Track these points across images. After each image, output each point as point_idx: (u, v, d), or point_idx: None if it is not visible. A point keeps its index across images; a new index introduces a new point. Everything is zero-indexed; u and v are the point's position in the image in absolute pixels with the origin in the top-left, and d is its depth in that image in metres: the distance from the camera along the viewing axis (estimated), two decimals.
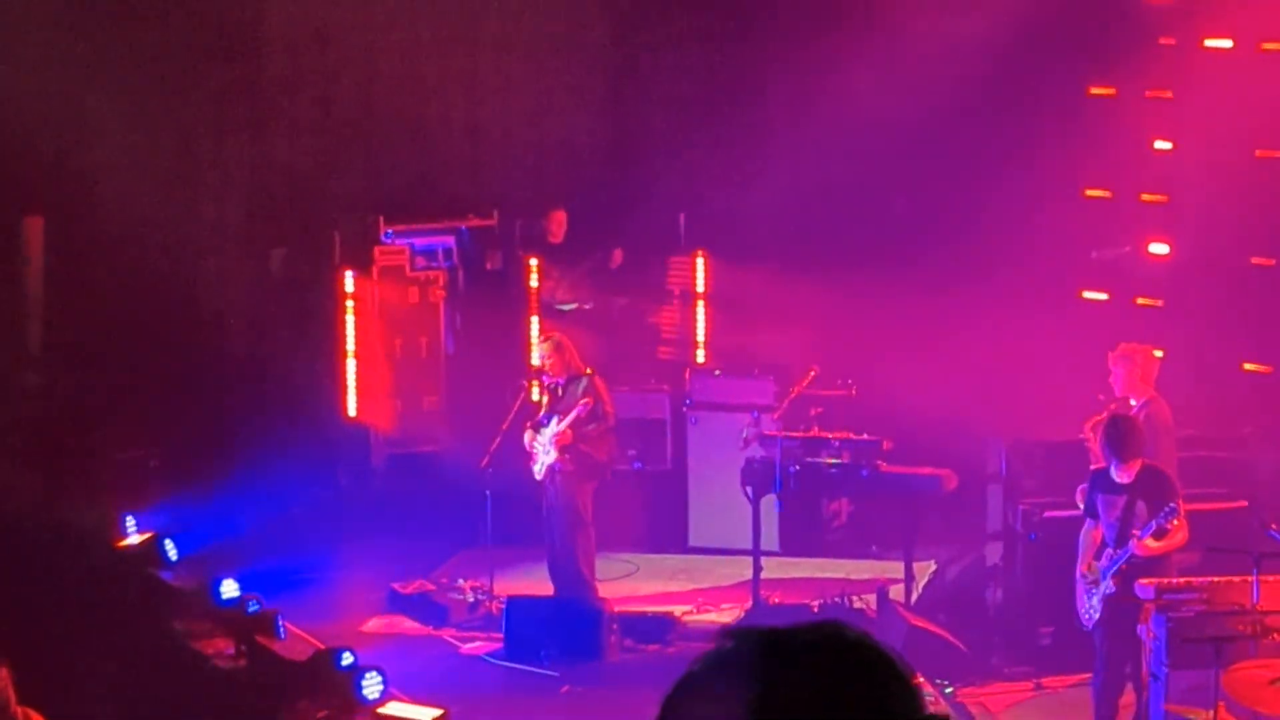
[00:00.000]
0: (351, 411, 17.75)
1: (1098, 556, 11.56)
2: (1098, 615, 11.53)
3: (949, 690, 12.79)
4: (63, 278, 17.06)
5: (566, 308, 17.69)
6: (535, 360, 14.73)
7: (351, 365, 17.68)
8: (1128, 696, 11.69)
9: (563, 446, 14.13)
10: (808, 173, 17.25)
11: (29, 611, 12.38)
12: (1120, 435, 11.41)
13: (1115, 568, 11.37)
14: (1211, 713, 9.81)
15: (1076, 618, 11.81)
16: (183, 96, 17.40)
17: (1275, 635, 10.54)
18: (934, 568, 15.52)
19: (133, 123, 17.00)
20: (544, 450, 14.21)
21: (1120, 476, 11.46)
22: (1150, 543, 11.27)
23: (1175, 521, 11.27)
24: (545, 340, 14.55)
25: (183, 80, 17.40)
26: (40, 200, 16.98)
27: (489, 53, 18.31)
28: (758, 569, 14.54)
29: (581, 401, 14.07)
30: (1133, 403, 12.59)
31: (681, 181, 17.76)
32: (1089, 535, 11.72)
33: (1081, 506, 12.11)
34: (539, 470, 14.28)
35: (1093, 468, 12.05)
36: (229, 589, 13.52)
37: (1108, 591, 11.43)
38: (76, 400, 15.95)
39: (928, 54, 16.50)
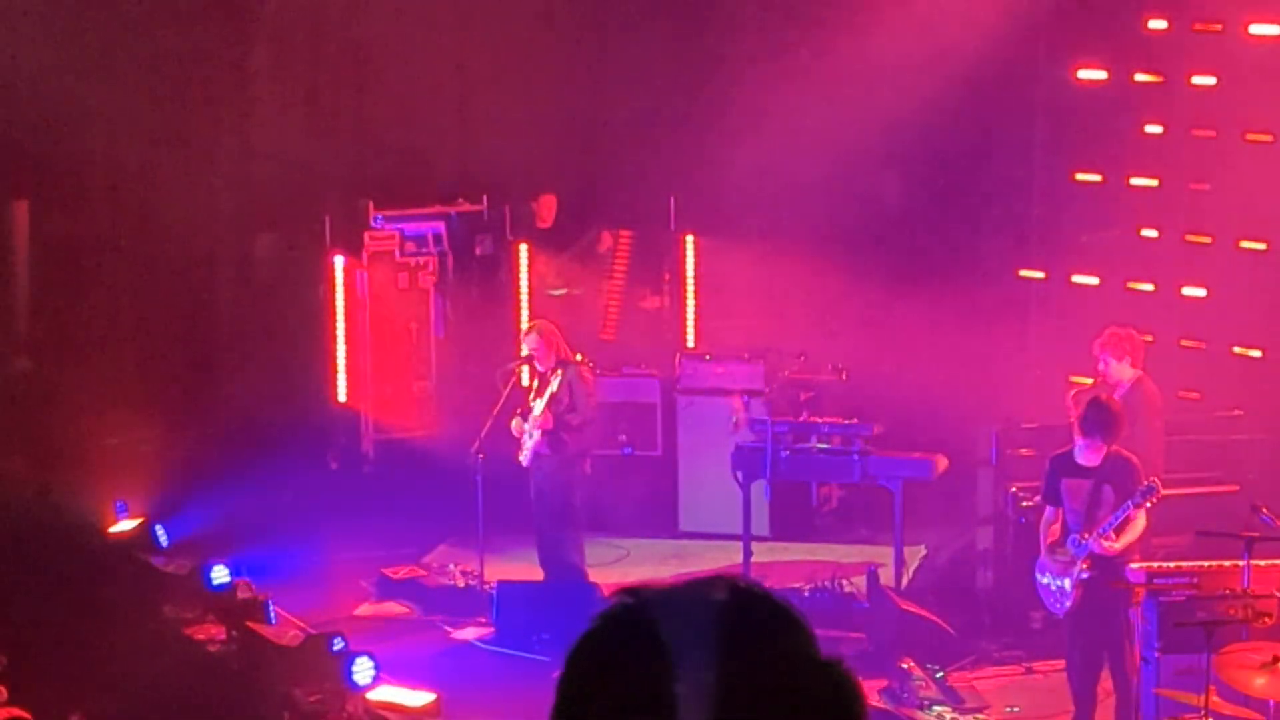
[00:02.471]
0: (341, 397, 17.74)
1: (1060, 543, 11.49)
2: (1071, 601, 11.48)
3: (940, 674, 12.80)
4: (49, 262, 17.03)
5: (557, 292, 17.69)
6: (524, 348, 14.70)
7: (341, 350, 17.67)
8: (1107, 683, 11.70)
9: (544, 430, 14.12)
10: (798, 157, 17.24)
11: (20, 598, 12.37)
12: (1107, 416, 11.36)
13: (1084, 553, 11.33)
14: (1203, 697, 9.82)
15: (1045, 607, 11.78)
16: (171, 80, 17.36)
17: (1266, 619, 10.54)
18: (924, 552, 15.54)
19: (120, 107, 16.96)
20: (529, 435, 14.20)
21: (1086, 460, 11.40)
22: (1114, 542, 11.24)
23: (1151, 501, 11.23)
24: (530, 330, 14.52)
25: (171, 64, 17.35)
26: (26, 184, 16.94)
27: (478, 38, 18.28)
28: (748, 553, 14.54)
29: (551, 382, 14.05)
30: (1125, 371, 12.55)
31: (671, 165, 17.75)
32: (1049, 525, 11.63)
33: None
34: (524, 455, 14.27)
35: (1055, 452, 11.92)
36: (220, 574, 13.53)
37: (1081, 576, 11.38)
38: (65, 386, 15.93)
39: (918, 35, 16.48)
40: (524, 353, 14.73)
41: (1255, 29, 15.28)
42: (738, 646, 2.13)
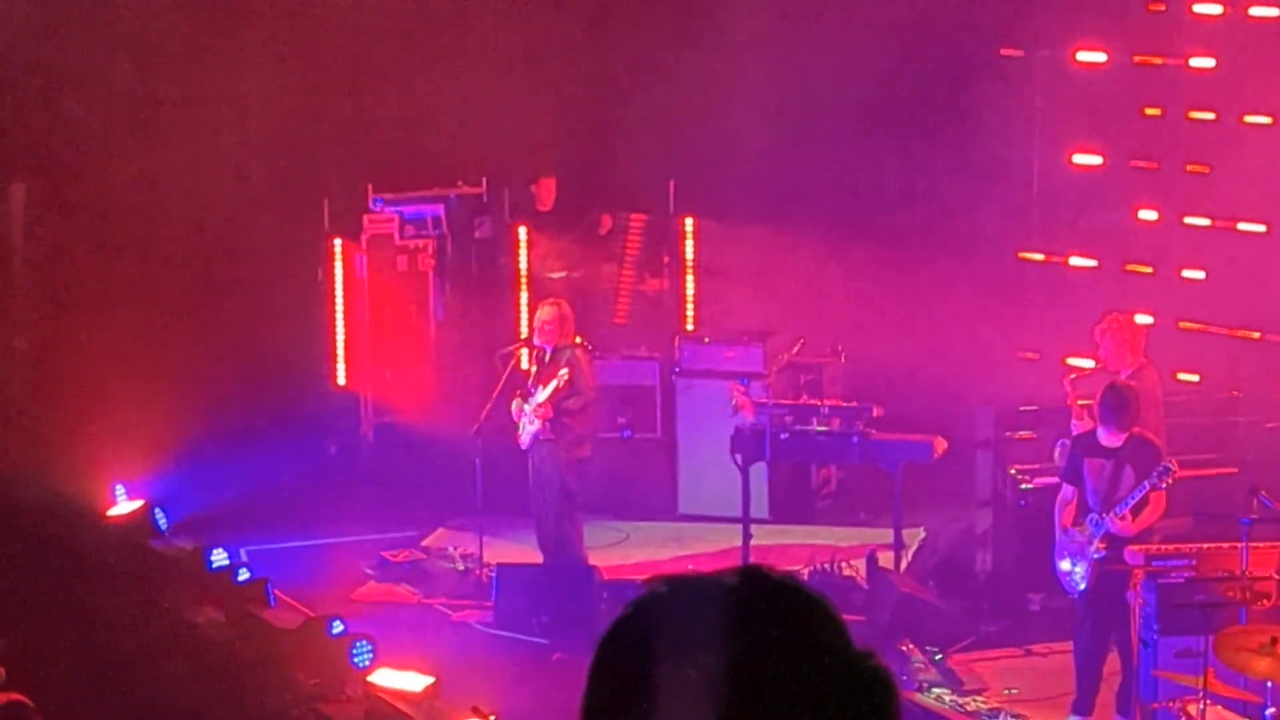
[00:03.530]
0: (341, 380, 17.74)
1: (1078, 522, 11.54)
2: (1085, 582, 11.51)
3: (939, 656, 12.82)
4: (47, 244, 17.03)
5: (556, 275, 17.67)
6: (526, 327, 14.70)
7: (341, 333, 17.66)
8: (1112, 664, 11.72)
9: (544, 418, 14.10)
10: (797, 140, 17.23)
11: (18, 582, 12.38)
12: (1119, 402, 11.39)
13: (1102, 532, 11.38)
14: (1201, 678, 9.83)
15: (1059, 584, 11.83)
16: (171, 63, 17.34)
17: (1264, 601, 10.56)
18: (923, 535, 15.54)
19: (119, 89, 16.94)
20: (528, 420, 14.19)
21: (1108, 441, 11.45)
22: (1129, 521, 11.27)
23: (1168, 482, 11.26)
24: (551, 304, 14.41)
25: (171, 47, 17.33)
26: (22, 167, 16.94)
27: (478, 21, 18.24)
28: (747, 536, 14.54)
29: (559, 374, 14.03)
30: (1125, 358, 12.55)
31: (670, 147, 17.72)
32: (1065, 504, 11.68)
33: (1060, 467, 12.08)
34: (524, 438, 14.27)
35: (1075, 432, 12.04)
36: (219, 557, 13.54)
37: (1096, 555, 11.42)
38: (63, 368, 15.92)
39: (917, 18, 16.47)
40: (524, 334, 14.72)
41: (1255, 11, 15.27)
42: (748, 633, 2.13)
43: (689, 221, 17.87)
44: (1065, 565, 11.64)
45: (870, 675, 2.16)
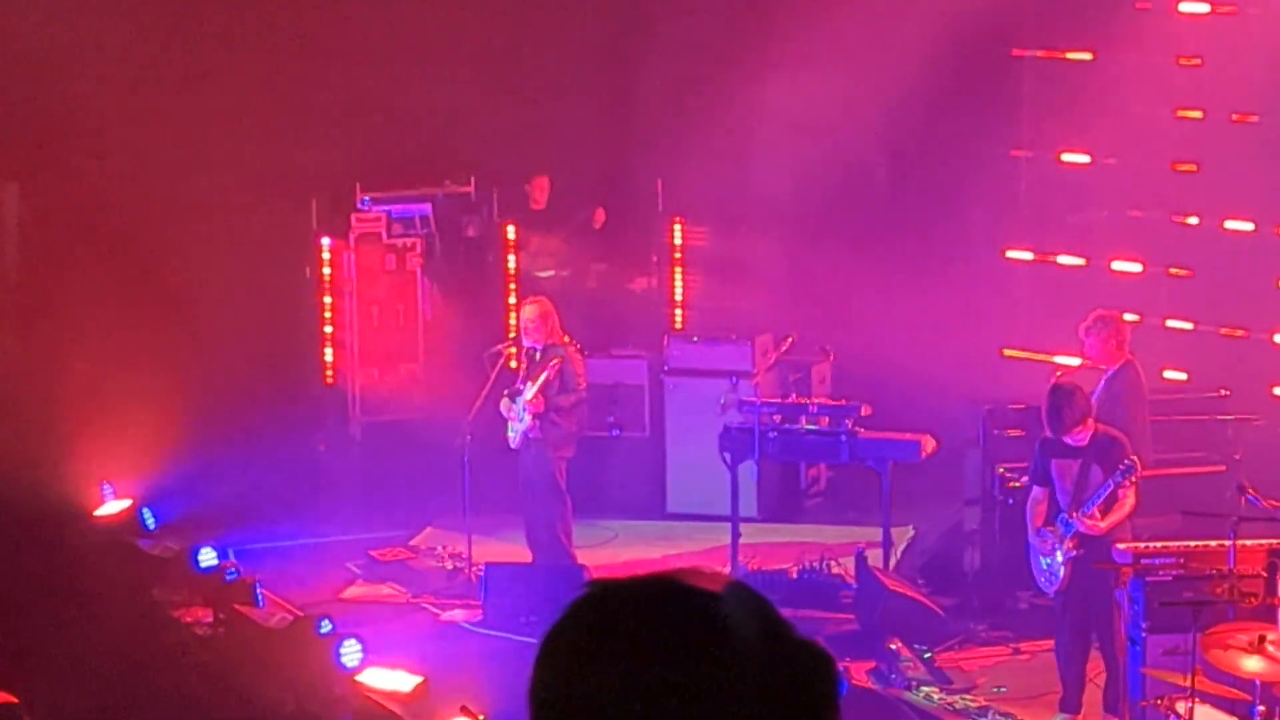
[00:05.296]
0: (329, 379, 17.72)
1: (1049, 521, 11.54)
2: (1060, 581, 11.52)
3: (927, 655, 12.83)
4: (38, 243, 17.01)
5: (544, 274, 17.67)
6: (515, 325, 14.71)
7: (329, 332, 17.65)
8: (1097, 663, 11.74)
9: (535, 413, 14.09)
10: (786, 138, 17.23)
11: (5, 581, 12.36)
12: (1053, 407, 11.39)
13: (1072, 532, 11.38)
14: (1189, 676, 9.85)
15: (1037, 585, 11.85)
16: (160, 62, 17.32)
17: (1252, 599, 10.57)
18: (912, 533, 15.55)
19: (107, 91, 16.93)
20: (518, 417, 14.18)
21: (1074, 440, 11.44)
22: (1098, 520, 11.29)
23: (1132, 479, 11.27)
24: (532, 304, 14.44)
25: (160, 47, 17.32)
26: (15, 166, 16.92)
27: (468, 19, 18.23)
28: (736, 535, 14.54)
29: (549, 365, 14.02)
30: (1111, 354, 12.54)
31: (659, 147, 17.72)
32: (1035, 504, 11.69)
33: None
34: (513, 437, 14.26)
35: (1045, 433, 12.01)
36: (207, 557, 13.52)
37: (1069, 555, 11.43)
38: (51, 367, 15.90)
39: (903, 14, 16.47)
40: (511, 334, 14.73)
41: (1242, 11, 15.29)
42: (741, 634, 2.13)
43: (677, 220, 17.87)
44: (1042, 564, 11.66)
45: (820, 654, 2.18)
